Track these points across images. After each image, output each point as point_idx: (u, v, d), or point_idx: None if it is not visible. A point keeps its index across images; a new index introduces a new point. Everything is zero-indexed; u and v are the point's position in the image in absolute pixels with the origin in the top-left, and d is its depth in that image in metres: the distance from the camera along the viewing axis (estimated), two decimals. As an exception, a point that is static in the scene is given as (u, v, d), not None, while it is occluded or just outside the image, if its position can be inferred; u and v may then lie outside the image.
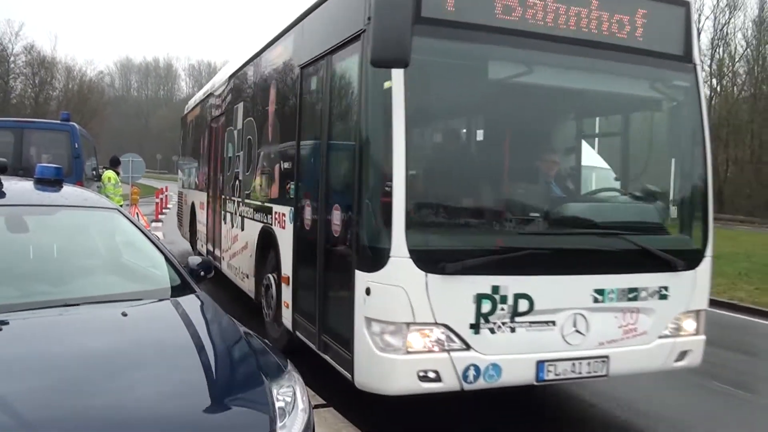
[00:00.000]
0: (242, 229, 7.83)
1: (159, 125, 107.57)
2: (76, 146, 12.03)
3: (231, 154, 8.78)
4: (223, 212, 9.09)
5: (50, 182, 4.13)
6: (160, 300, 3.53)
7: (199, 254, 10.43)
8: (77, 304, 3.21)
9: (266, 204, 6.75)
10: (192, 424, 2.47)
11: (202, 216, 10.97)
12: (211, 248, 10.01)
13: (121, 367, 2.72)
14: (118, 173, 14.50)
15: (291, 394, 2.91)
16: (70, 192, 4.26)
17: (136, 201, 19.41)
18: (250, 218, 7.42)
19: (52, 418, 2.30)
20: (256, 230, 6.98)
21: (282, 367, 3.06)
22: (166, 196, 30.56)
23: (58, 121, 12.75)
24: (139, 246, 4.04)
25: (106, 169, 14.75)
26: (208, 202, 10.40)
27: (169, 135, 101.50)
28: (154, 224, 20.85)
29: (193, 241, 12.22)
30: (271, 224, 6.47)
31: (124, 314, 3.17)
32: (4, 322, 2.93)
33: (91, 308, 3.22)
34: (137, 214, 17.69)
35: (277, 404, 2.76)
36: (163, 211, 26.36)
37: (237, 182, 8.30)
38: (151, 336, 3.11)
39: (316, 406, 4.99)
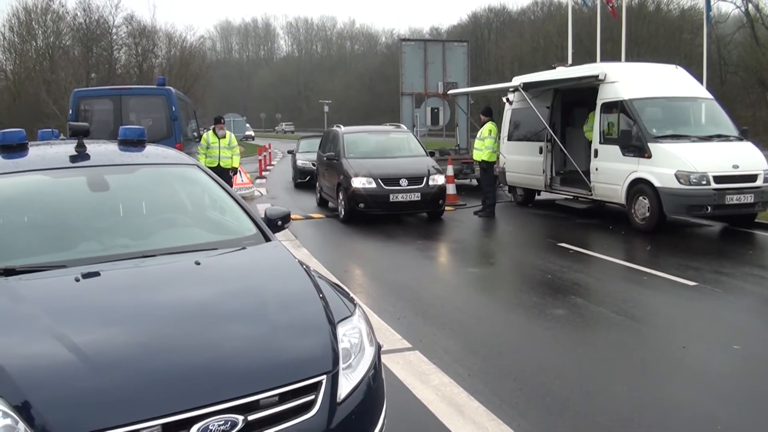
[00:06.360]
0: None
1: (261, 85, 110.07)
2: (174, 109, 12.42)
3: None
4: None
5: (133, 143, 4.31)
6: (235, 249, 3.60)
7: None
8: (154, 255, 3.33)
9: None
10: (257, 367, 2.52)
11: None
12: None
13: (192, 316, 2.81)
14: (216, 133, 13.24)
15: (357, 335, 2.93)
16: (151, 151, 4.40)
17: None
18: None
19: (135, 363, 2.44)
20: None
21: (349, 310, 3.07)
22: (270, 153, 31.33)
23: (155, 86, 13.18)
24: (216, 198, 4.14)
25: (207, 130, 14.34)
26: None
27: (272, 94, 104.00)
28: (258, 181, 21.49)
29: None
30: None
31: (197, 263, 3.25)
32: (95, 273, 3.09)
33: (166, 258, 3.32)
34: (240, 171, 18.17)
35: (342, 345, 2.78)
36: (267, 168, 27.09)
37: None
38: (222, 284, 3.18)
39: (401, 350, 5.04)
